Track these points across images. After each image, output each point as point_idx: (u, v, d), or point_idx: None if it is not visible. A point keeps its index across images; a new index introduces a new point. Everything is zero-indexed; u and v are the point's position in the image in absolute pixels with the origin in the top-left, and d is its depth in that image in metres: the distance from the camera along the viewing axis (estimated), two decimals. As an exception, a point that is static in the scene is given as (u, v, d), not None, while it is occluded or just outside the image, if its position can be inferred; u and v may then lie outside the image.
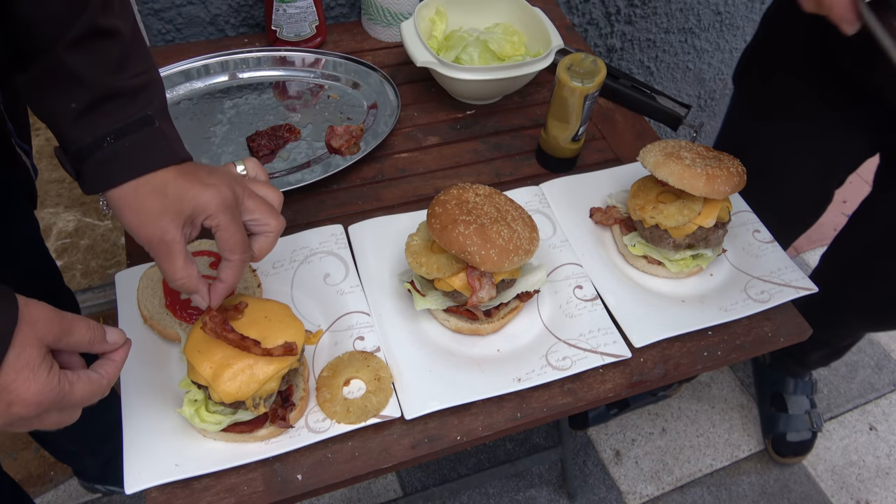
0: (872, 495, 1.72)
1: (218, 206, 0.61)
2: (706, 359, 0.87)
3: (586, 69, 0.95)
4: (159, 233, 0.60)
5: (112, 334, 0.57)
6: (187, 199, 0.61)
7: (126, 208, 0.61)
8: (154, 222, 0.60)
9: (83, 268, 1.97)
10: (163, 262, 0.62)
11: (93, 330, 0.55)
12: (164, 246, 0.61)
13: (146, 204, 0.60)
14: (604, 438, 1.76)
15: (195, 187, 0.61)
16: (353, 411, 0.75)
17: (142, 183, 0.60)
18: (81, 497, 1.55)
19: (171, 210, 0.60)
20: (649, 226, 0.91)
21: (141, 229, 0.60)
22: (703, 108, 2.12)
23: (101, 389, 0.56)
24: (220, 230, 0.63)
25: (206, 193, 0.61)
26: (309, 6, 1.17)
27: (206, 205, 0.61)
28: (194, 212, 0.61)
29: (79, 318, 0.54)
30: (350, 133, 1.05)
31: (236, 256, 0.65)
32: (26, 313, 0.50)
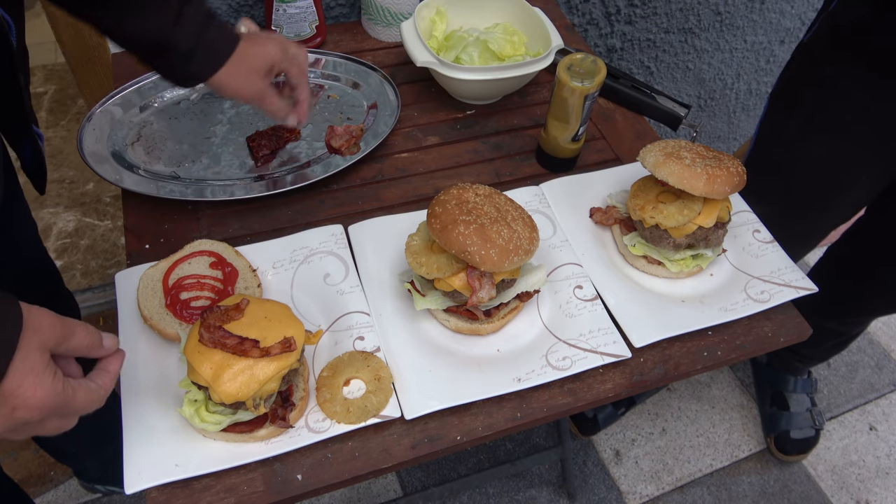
0: (872, 495, 1.72)
1: (280, 55, 0.87)
2: (706, 359, 0.87)
3: (586, 69, 0.95)
4: (256, 88, 0.86)
5: (108, 339, 0.59)
6: (263, 57, 0.85)
7: (228, 82, 0.83)
8: (250, 83, 0.85)
9: (83, 268, 1.97)
10: (265, 105, 0.89)
11: (91, 335, 0.56)
12: (263, 94, 0.87)
13: (237, 71, 0.83)
14: (604, 438, 1.76)
15: (260, 47, 0.85)
16: (353, 411, 0.75)
17: (232, 59, 0.82)
18: (81, 497, 1.55)
19: (255, 68, 0.85)
20: (649, 226, 0.91)
21: (242, 91, 0.85)
22: (703, 108, 2.12)
23: (99, 399, 0.58)
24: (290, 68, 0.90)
25: (269, 48, 0.86)
26: (309, 6, 1.17)
27: (274, 56, 0.86)
28: (270, 64, 0.86)
29: (78, 323, 0.55)
30: (350, 133, 1.05)
31: (303, 78, 0.93)
32: (30, 319, 0.50)
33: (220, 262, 0.84)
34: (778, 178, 1.24)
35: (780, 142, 1.24)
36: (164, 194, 0.94)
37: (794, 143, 1.20)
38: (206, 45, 0.80)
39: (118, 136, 1.03)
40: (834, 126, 1.13)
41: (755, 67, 2.05)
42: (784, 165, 1.23)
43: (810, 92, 1.15)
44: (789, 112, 1.21)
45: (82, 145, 0.98)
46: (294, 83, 0.93)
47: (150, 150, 1.02)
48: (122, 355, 0.61)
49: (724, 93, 2.10)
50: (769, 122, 1.27)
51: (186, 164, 1.01)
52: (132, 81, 1.08)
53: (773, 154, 1.26)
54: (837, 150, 1.14)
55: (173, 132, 1.06)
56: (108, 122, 1.04)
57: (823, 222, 1.31)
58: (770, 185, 1.24)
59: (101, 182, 2.18)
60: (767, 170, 1.25)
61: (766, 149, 1.28)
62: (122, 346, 0.77)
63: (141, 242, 0.92)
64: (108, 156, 0.99)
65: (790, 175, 1.23)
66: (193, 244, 0.87)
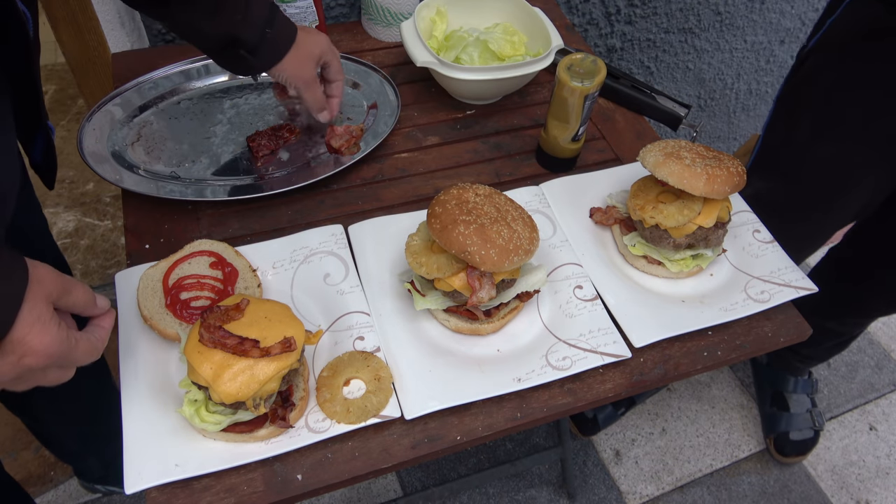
0: (872, 495, 1.72)
1: (329, 46, 0.97)
2: (706, 359, 0.87)
3: (586, 69, 0.95)
4: (309, 75, 0.95)
5: (101, 300, 0.63)
6: (318, 46, 0.94)
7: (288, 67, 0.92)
8: (305, 68, 0.94)
9: (83, 268, 1.97)
10: (312, 91, 0.98)
11: (88, 293, 0.60)
12: (313, 81, 0.97)
13: (297, 57, 0.92)
14: (604, 438, 1.76)
15: (316, 37, 0.95)
16: (353, 411, 0.75)
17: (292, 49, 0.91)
18: (81, 497, 1.55)
19: (311, 56, 0.94)
20: (649, 226, 0.91)
21: (300, 74, 0.94)
22: (703, 108, 2.12)
23: (97, 351, 0.61)
24: (333, 62, 0.99)
25: (322, 40, 0.95)
26: (309, 6, 1.17)
27: (325, 46, 0.96)
28: (322, 53, 0.95)
29: (76, 281, 0.58)
30: (350, 133, 1.05)
31: (341, 75, 1.02)
32: (34, 273, 0.53)
33: (220, 262, 0.84)
34: (784, 179, 1.24)
35: (786, 144, 1.24)
36: (164, 194, 0.94)
37: (802, 145, 1.20)
38: (272, 39, 0.87)
39: (118, 136, 1.03)
40: (843, 128, 1.12)
41: (755, 67, 2.05)
42: (791, 167, 1.23)
43: (819, 95, 1.15)
44: (796, 114, 1.21)
45: (82, 145, 0.98)
46: (332, 78, 1.01)
47: (150, 150, 1.02)
48: (113, 313, 0.64)
49: (724, 93, 2.10)
50: (775, 125, 1.27)
51: (186, 164, 1.01)
52: (132, 81, 1.08)
53: (779, 156, 1.26)
54: (845, 151, 1.14)
55: (173, 132, 1.06)
56: (108, 122, 1.04)
57: (828, 224, 1.31)
58: (776, 187, 1.24)
59: (101, 182, 2.18)
60: (773, 172, 1.25)
61: (772, 151, 1.28)
62: (121, 346, 0.78)
63: (141, 242, 0.92)
64: (108, 156, 0.99)
65: (796, 177, 1.23)
66: (193, 244, 0.87)
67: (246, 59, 0.87)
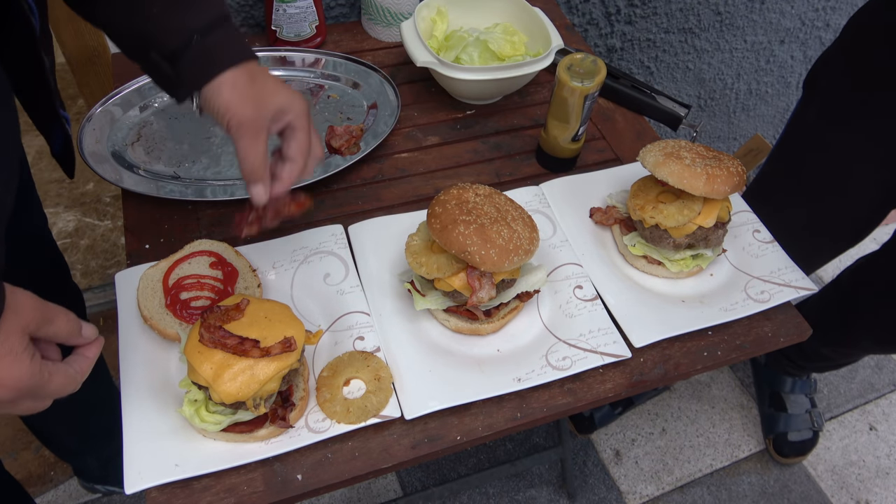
0: (872, 495, 1.72)
1: (303, 111, 0.71)
2: (706, 359, 0.87)
3: (586, 69, 0.95)
4: (255, 113, 0.66)
5: (87, 329, 0.59)
6: (280, 93, 0.68)
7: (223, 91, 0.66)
8: (253, 103, 0.66)
9: (83, 268, 1.97)
10: (249, 140, 0.67)
11: (71, 322, 0.57)
12: (256, 127, 0.67)
13: (244, 88, 0.66)
14: (604, 438, 1.76)
15: (285, 88, 0.70)
16: (353, 411, 0.75)
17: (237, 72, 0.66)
18: (81, 497, 1.55)
19: (265, 100, 0.67)
20: (649, 226, 0.91)
21: (235, 109, 0.66)
22: (703, 108, 2.12)
23: (74, 383, 0.58)
24: (301, 132, 0.71)
25: (296, 97, 0.70)
26: (309, 6, 1.17)
27: (296, 106, 0.70)
28: (285, 107, 0.69)
29: (60, 309, 0.56)
30: (350, 133, 1.05)
31: (301, 160, 0.72)
32: (12, 301, 0.51)
33: (220, 262, 0.84)
34: (800, 168, 1.24)
35: (806, 132, 1.25)
36: (164, 194, 0.94)
37: (818, 132, 1.20)
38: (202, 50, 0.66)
39: (118, 136, 1.03)
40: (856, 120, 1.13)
41: (755, 67, 2.05)
42: (808, 155, 1.23)
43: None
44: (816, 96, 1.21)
45: (82, 145, 0.98)
46: (290, 155, 0.72)
47: (150, 150, 1.02)
48: (100, 342, 0.61)
49: (724, 93, 2.10)
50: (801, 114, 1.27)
51: (186, 164, 1.01)
52: (132, 81, 1.08)
53: (797, 145, 1.27)
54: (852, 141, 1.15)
55: (173, 132, 1.06)
56: (108, 122, 1.04)
57: (841, 215, 1.30)
58: (790, 180, 1.24)
59: (101, 182, 2.17)
60: (790, 163, 1.25)
61: (792, 142, 1.29)
62: (121, 346, 0.78)
63: (141, 242, 0.92)
64: (108, 156, 0.99)
65: (811, 164, 1.23)
66: (193, 244, 0.87)
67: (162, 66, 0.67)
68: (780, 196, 1.31)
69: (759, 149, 1.39)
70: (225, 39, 0.67)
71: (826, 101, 1.20)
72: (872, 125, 1.12)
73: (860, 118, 1.13)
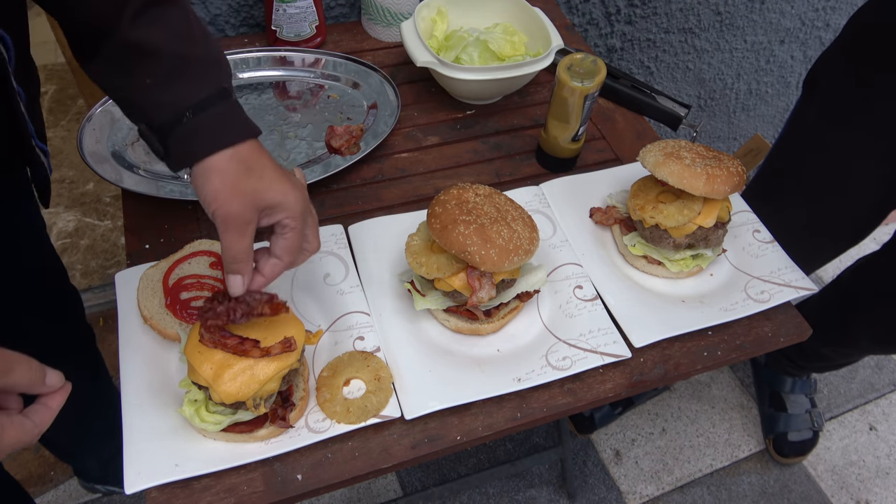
0: (872, 495, 1.72)
1: (300, 211, 0.64)
2: (706, 359, 0.87)
3: (586, 69, 0.95)
4: (241, 210, 0.61)
5: (52, 377, 0.55)
6: (274, 189, 0.62)
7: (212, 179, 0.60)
8: (242, 199, 0.60)
9: (83, 268, 1.97)
10: (233, 237, 0.62)
11: (33, 371, 0.53)
12: (242, 222, 0.61)
13: (235, 178, 0.60)
14: (604, 438, 1.76)
15: (281, 180, 0.63)
16: (353, 411, 0.75)
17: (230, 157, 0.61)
18: (81, 497, 1.55)
19: (257, 194, 0.61)
20: (649, 226, 0.91)
21: (227, 201, 0.60)
22: (703, 108, 2.12)
23: (31, 437, 0.54)
24: (291, 232, 0.65)
25: (293, 191, 0.63)
26: (309, 6, 1.17)
27: (290, 203, 0.63)
28: (277, 205, 0.63)
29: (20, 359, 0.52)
30: (350, 133, 1.05)
31: (288, 259, 0.66)
32: None
33: (220, 262, 0.84)
34: (800, 168, 1.24)
35: (805, 133, 1.25)
36: (164, 194, 0.94)
37: (818, 132, 1.20)
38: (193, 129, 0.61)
39: (118, 136, 1.03)
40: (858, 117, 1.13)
41: (755, 67, 2.05)
42: (807, 155, 1.23)
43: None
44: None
45: (82, 145, 0.98)
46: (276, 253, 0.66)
47: (150, 151, 1.02)
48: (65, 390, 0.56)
49: (724, 93, 2.10)
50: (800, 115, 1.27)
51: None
52: (132, 81, 1.08)
53: (797, 145, 1.27)
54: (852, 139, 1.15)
55: (173, 132, 1.06)
56: (108, 122, 1.04)
57: (841, 215, 1.30)
58: (791, 180, 1.24)
59: (101, 182, 2.17)
60: (790, 163, 1.25)
61: (791, 141, 1.29)
62: (121, 346, 0.78)
63: (141, 242, 0.92)
64: (108, 156, 0.99)
65: (811, 164, 1.23)
66: (193, 244, 0.87)
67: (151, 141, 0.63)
68: (780, 196, 1.31)
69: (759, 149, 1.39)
70: (220, 118, 0.62)
71: (826, 99, 1.20)
72: (873, 122, 1.12)
73: (861, 115, 1.14)
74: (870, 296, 1.35)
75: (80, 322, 1.18)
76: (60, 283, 1.11)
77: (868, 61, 1.11)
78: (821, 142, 1.21)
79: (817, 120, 1.22)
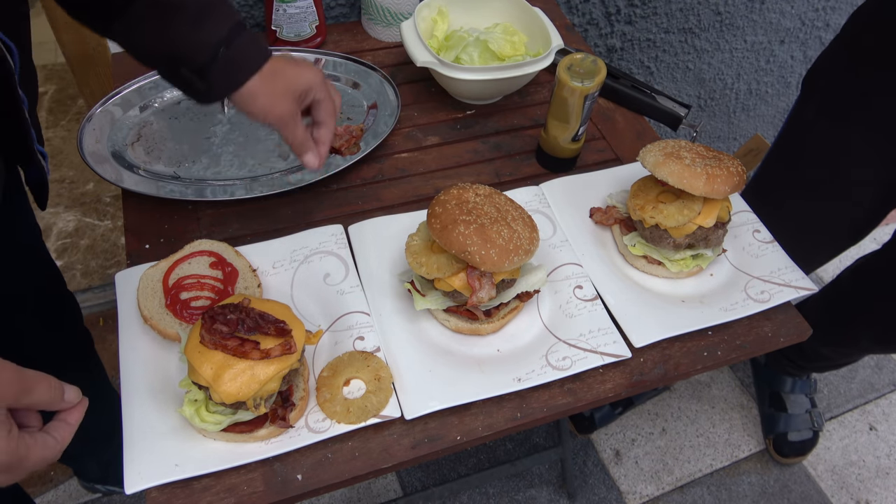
0: (872, 495, 1.72)
1: (321, 82, 0.79)
2: (706, 359, 0.87)
3: (586, 69, 0.95)
4: (287, 109, 0.76)
5: (70, 392, 0.57)
6: (302, 79, 0.76)
7: (258, 96, 0.73)
8: (281, 102, 0.75)
9: (83, 268, 1.97)
10: (289, 130, 0.78)
11: (52, 389, 0.55)
12: (291, 118, 0.77)
13: (272, 87, 0.74)
14: (604, 438, 1.76)
15: (303, 69, 0.77)
16: (353, 411, 0.75)
17: (263, 74, 0.73)
18: (81, 497, 1.55)
19: (291, 89, 0.75)
20: (649, 226, 0.91)
21: (272, 109, 0.75)
22: (703, 108, 2.12)
23: (54, 455, 0.55)
24: (323, 101, 0.81)
25: (311, 72, 0.78)
26: (309, 6, 1.17)
27: (314, 81, 0.78)
28: (307, 88, 0.77)
29: (41, 377, 0.53)
30: (350, 133, 1.05)
31: (332, 120, 0.83)
32: None
33: (220, 262, 0.84)
34: (798, 166, 1.25)
35: (802, 128, 1.25)
36: (164, 194, 0.94)
37: (814, 128, 1.21)
38: (228, 60, 0.71)
39: (118, 136, 1.03)
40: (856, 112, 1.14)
41: (755, 67, 2.05)
42: (804, 151, 1.24)
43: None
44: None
45: (82, 145, 0.98)
46: (321, 120, 0.82)
47: (150, 150, 1.02)
48: (83, 405, 0.59)
49: (724, 93, 2.10)
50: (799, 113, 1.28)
51: (186, 164, 1.01)
52: (132, 81, 1.08)
53: (795, 141, 1.27)
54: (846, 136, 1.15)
55: (173, 132, 1.06)
56: (108, 122, 1.04)
57: (839, 215, 1.29)
58: (788, 173, 1.25)
59: (101, 182, 2.18)
60: (787, 159, 1.26)
61: (790, 138, 1.29)
62: (121, 346, 0.78)
63: (141, 242, 0.92)
64: (108, 156, 0.99)
65: (809, 162, 1.24)
66: (193, 244, 0.87)
67: (193, 81, 0.72)
68: (779, 194, 1.31)
69: (759, 149, 1.39)
70: (246, 46, 0.72)
71: (825, 96, 1.20)
72: (872, 117, 1.12)
73: (859, 110, 1.14)
74: (869, 295, 1.35)
75: (77, 327, 1.18)
76: (59, 291, 1.11)
77: (868, 58, 1.11)
78: (819, 139, 1.21)
79: (816, 118, 1.22)
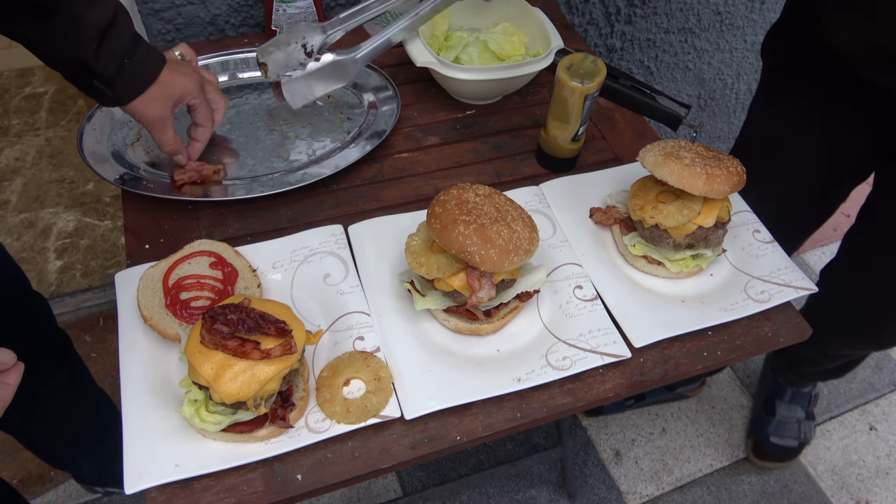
0: (872, 495, 1.72)
1: (196, 90, 0.89)
2: (706, 359, 0.87)
3: (586, 69, 0.95)
4: (158, 113, 0.86)
5: (3, 354, 0.59)
6: (176, 85, 0.86)
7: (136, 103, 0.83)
8: (155, 105, 0.85)
9: (83, 268, 1.97)
10: (159, 133, 0.88)
11: None
12: (161, 122, 0.87)
13: (148, 95, 0.83)
14: (604, 438, 1.76)
15: (179, 77, 0.86)
16: (353, 411, 0.75)
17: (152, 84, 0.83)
18: (81, 497, 1.55)
19: (165, 94, 0.85)
20: (649, 226, 0.91)
21: (146, 112, 0.85)
22: (703, 108, 2.12)
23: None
24: (199, 107, 0.92)
25: (186, 81, 0.87)
26: (309, 6, 1.17)
27: (189, 89, 0.88)
28: (182, 95, 0.88)
29: None
30: (199, 172, 0.97)
31: (207, 123, 0.95)
32: None
33: (220, 262, 0.84)
34: (758, 138, 1.29)
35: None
36: (164, 194, 0.94)
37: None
38: (132, 71, 0.80)
39: (118, 136, 1.03)
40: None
41: (755, 67, 2.05)
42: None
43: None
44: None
45: (82, 145, 0.98)
46: (197, 122, 0.94)
47: (150, 150, 1.02)
48: (19, 368, 0.60)
49: (724, 93, 2.10)
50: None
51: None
52: (132, 81, 1.08)
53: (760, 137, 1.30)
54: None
55: (173, 132, 1.06)
56: (108, 122, 1.04)
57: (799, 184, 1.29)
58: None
59: (101, 182, 2.18)
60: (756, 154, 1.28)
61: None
62: (121, 346, 0.78)
63: (141, 242, 0.92)
64: (109, 156, 0.99)
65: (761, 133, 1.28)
66: (193, 244, 0.87)
67: (102, 90, 0.80)
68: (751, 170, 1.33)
69: (759, 149, 1.39)
70: (146, 57, 0.82)
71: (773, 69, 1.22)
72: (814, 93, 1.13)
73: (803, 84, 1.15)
74: (833, 293, 1.35)
75: (47, 328, 1.17)
76: (23, 292, 1.10)
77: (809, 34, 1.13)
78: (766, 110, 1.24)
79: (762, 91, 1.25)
